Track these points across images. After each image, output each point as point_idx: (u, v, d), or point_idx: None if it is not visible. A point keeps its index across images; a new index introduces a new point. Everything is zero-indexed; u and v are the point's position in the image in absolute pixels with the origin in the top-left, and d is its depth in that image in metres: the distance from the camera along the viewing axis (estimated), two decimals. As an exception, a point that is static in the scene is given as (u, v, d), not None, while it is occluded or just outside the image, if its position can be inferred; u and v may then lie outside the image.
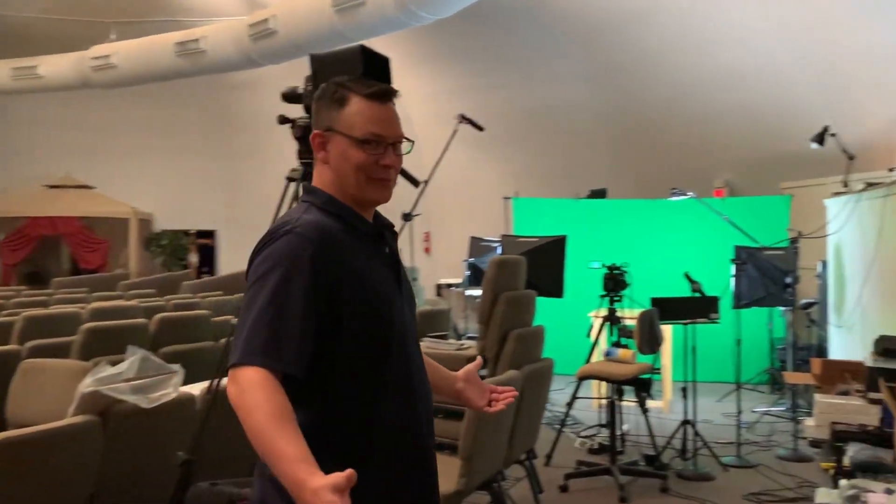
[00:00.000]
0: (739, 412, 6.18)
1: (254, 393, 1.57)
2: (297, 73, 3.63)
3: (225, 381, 1.68)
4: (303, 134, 3.49)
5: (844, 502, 2.86)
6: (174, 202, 15.99)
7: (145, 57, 12.24)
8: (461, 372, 2.11)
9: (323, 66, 3.41)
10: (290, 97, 3.56)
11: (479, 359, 2.23)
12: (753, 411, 7.25)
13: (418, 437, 1.86)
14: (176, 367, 3.78)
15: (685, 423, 5.95)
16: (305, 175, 3.56)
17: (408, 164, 3.30)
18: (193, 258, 16.60)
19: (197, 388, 4.03)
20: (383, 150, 1.80)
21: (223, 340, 5.76)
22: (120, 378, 3.53)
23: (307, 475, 1.46)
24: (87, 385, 3.39)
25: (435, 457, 1.95)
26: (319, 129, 1.85)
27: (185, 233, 16.41)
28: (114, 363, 3.64)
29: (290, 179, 3.61)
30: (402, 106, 1.90)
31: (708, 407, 7.41)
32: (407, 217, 6.74)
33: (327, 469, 1.48)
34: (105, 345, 5.14)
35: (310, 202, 1.84)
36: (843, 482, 3.03)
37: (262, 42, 10.64)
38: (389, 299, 1.82)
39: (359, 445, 1.73)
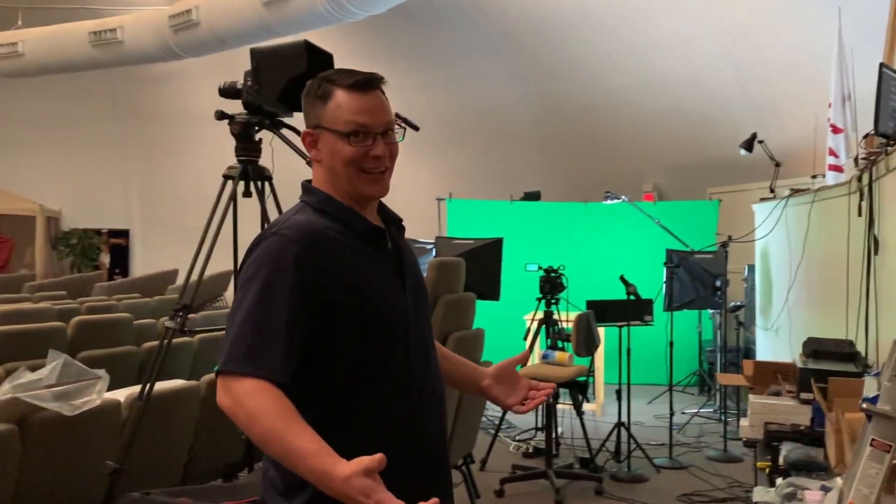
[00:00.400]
0: (672, 414, 6.29)
1: (252, 401, 1.58)
2: (219, 67, 3.55)
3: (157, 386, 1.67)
4: (241, 130, 3.41)
5: (782, 500, 2.91)
6: (84, 199, 15.41)
7: (56, 46, 11.77)
8: (493, 368, 2.03)
9: (264, 61, 3.35)
10: (229, 92, 3.47)
11: (523, 351, 2.17)
12: (683, 413, 7.39)
13: (424, 436, 1.82)
14: (100, 372, 3.65)
15: (619, 425, 6.03)
16: (244, 173, 3.48)
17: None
18: (105, 259, 16.00)
19: (121, 395, 3.90)
20: (372, 140, 1.77)
21: (146, 345, 5.62)
22: (40, 384, 3.38)
23: (333, 466, 1.47)
24: (4, 392, 3.24)
25: (446, 451, 1.94)
26: (308, 128, 1.83)
27: (97, 232, 15.82)
28: (33, 368, 3.49)
29: (227, 177, 3.53)
30: None
31: (639, 409, 7.52)
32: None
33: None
34: (17, 350, 4.90)
35: (305, 202, 1.83)
36: (779, 480, 3.08)
37: (183, 34, 10.33)
38: (387, 298, 1.79)
39: (358, 445, 1.66)
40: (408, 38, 11.20)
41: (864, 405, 2.20)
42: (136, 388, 4.08)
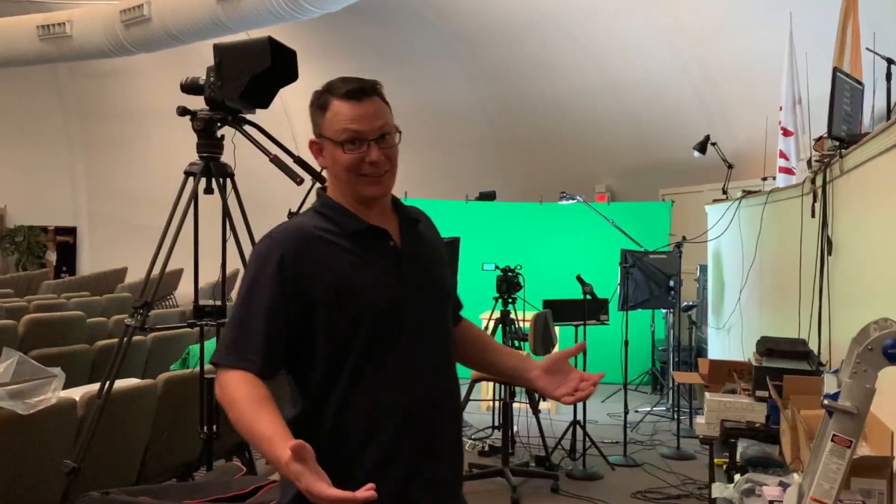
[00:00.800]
0: (627, 412, 6.35)
1: (230, 390, 1.72)
2: (167, 63, 3.49)
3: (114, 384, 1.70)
4: (203, 127, 3.36)
5: (741, 496, 2.95)
6: (30, 196, 15.18)
7: (3, 39, 11.53)
8: (544, 360, 2.02)
9: (228, 57, 3.30)
10: (191, 88, 3.41)
11: (580, 342, 2.15)
12: (636, 411, 7.45)
13: (422, 427, 1.86)
14: (55, 370, 3.58)
15: (574, 423, 6.06)
16: (205, 170, 3.43)
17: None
18: (52, 256, 15.73)
19: (76, 393, 3.83)
20: (366, 147, 1.84)
21: (99, 343, 5.52)
22: (-7, 383, 3.31)
23: (281, 450, 1.53)
24: (-44, 390, 3.16)
25: (454, 446, 1.98)
26: (314, 137, 1.93)
27: (43, 229, 15.57)
28: (-16, 367, 3.41)
29: (188, 174, 3.47)
30: (282, 102, 1.88)
31: (593, 407, 7.56)
32: (292, 216, 6.62)
33: (327, 464, 1.55)
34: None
35: (313, 206, 1.96)
36: (737, 477, 3.13)
37: (135, 29, 10.20)
38: (373, 293, 1.84)
39: (351, 437, 1.80)
40: (364, 37, 11.15)
41: (826, 401, 2.23)
42: (92, 387, 4.02)
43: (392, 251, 1.91)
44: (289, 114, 11.36)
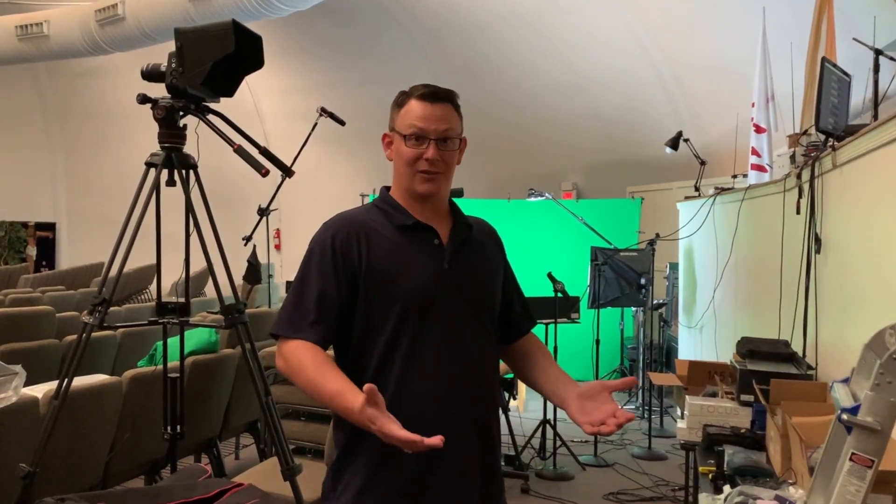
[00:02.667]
0: (598, 411, 6.01)
1: (294, 357, 1.81)
2: (147, 61, 3.12)
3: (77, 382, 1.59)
4: (165, 115, 2.97)
5: (733, 509, 2.63)
6: (11, 192, 14.88)
7: (-18, 40, 11.07)
8: (585, 386, 1.89)
9: (190, 42, 2.92)
10: (151, 75, 3.03)
11: (630, 378, 1.95)
12: (606, 409, 7.15)
13: (450, 419, 1.84)
14: (17, 368, 3.23)
15: (544, 422, 5.73)
16: (167, 161, 3.05)
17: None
18: (32, 251, 15.49)
19: (40, 391, 3.48)
20: (426, 144, 1.89)
21: (68, 338, 5.11)
22: (-48, 381, 2.95)
23: (352, 401, 1.62)
24: None
25: (487, 442, 1.95)
26: (388, 131, 1.98)
27: (24, 224, 15.36)
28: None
29: (149, 165, 3.08)
30: (253, 100, 1.53)
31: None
32: (262, 212, 6.24)
33: (358, 445, 1.83)
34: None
35: (374, 201, 2.02)
36: (727, 488, 2.81)
37: (109, 28, 9.85)
38: (410, 282, 1.86)
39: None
40: (331, 35, 10.86)
41: (845, 416, 1.91)
42: (56, 384, 3.67)
43: (436, 248, 1.93)
44: (260, 112, 11.02)
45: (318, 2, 8.31)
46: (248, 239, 6.04)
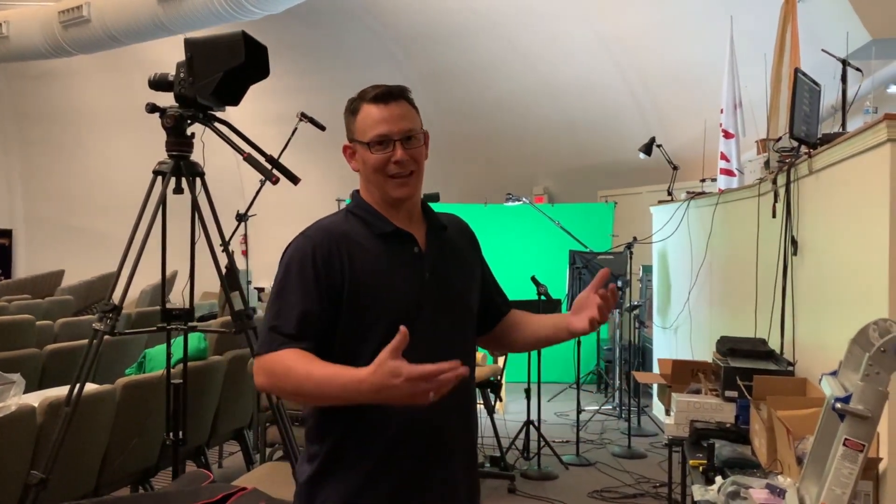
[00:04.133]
0: (580, 411, 6.23)
1: (279, 364, 1.71)
2: (105, 65, 3.23)
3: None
4: (174, 124, 3.10)
5: (726, 499, 2.83)
6: (-38, 198, 14.51)
7: (-63, 40, 10.92)
8: (576, 304, 1.96)
9: (199, 52, 3.06)
10: (160, 84, 3.15)
11: (603, 270, 2.01)
12: (584, 410, 7.37)
13: (428, 436, 1.84)
14: (14, 376, 3.31)
15: (528, 423, 5.92)
16: (175, 169, 3.17)
17: (230, 165, 2.99)
18: (-14, 260, 15.12)
19: (33, 399, 3.56)
20: (392, 147, 1.86)
21: (49, 347, 5.16)
22: (-51, 391, 3.03)
23: (355, 372, 1.59)
24: None
25: (468, 455, 1.97)
26: (347, 142, 1.95)
27: (-23, 232, 14.93)
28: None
29: (157, 173, 3.20)
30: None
31: (541, 406, 7.47)
32: (241, 218, 6.34)
33: (338, 459, 1.77)
34: None
35: (346, 207, 1.98)
36: (718, 479, 3.01)
37: (74, 30, 9.79)
38: (391, 292, 1.84)
39: (365, 436, 1.80)
40: (302, 40, 10.92)
41: (838, 405, 2.12)
42: (47, 393, 3.80)
43: (416, 258, 1.91)
44: (228, 115, 10.98)
45: (290, 5, 8.38)
46: (226, 244, 6.12)
